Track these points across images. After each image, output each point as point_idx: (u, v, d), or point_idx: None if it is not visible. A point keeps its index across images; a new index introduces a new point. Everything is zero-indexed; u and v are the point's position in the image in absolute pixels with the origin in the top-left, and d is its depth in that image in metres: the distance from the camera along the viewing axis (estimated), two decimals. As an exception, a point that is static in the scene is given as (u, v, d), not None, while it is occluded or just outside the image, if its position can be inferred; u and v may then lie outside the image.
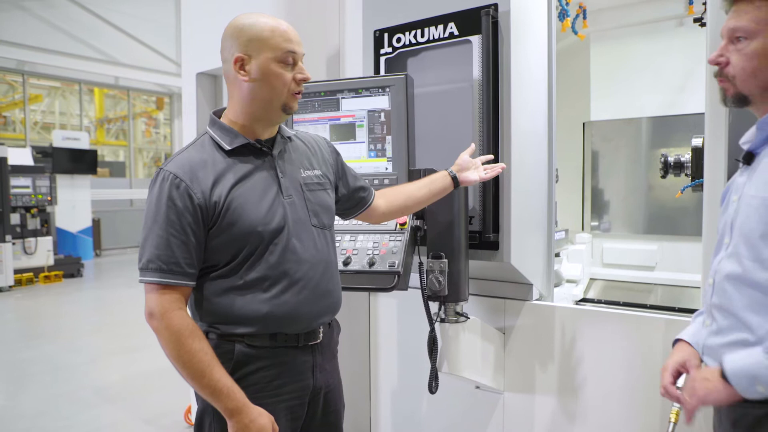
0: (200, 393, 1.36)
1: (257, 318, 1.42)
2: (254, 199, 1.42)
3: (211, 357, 1.34)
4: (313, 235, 1.52)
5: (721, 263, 1.29)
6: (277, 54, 1.41)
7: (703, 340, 1.34)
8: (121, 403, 4.13)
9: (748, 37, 1.21)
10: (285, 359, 1.47)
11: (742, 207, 1.24)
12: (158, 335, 1.35)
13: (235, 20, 1.45)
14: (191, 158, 1.41)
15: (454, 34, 2.12)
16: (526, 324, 2.26)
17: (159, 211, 1.35)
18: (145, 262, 1.36)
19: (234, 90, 1.46)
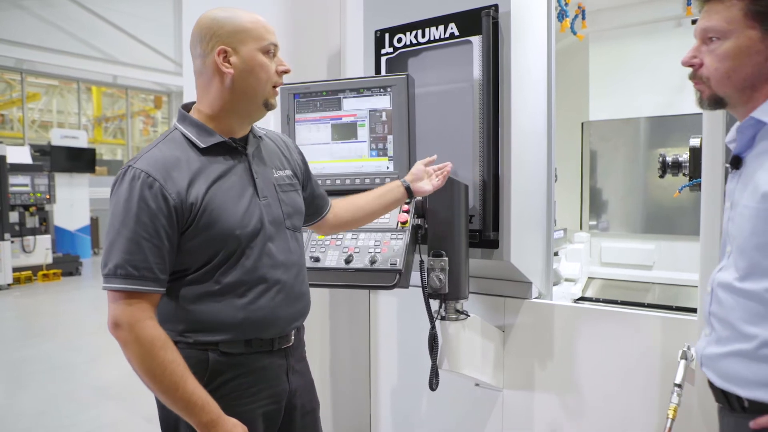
0: (172, 407, 1.28)
1: (233, 324, 1.36)
2: (231, 200, 1.36)
3: (183, 368, 1.27)
4: (287, 238, 1.49)
5: (720, 272, 1.27)
6: (262, 44, 1.38)
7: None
8: (122, 402, 4.14)
9: (720, 38, 1.19)
10: (260, 364, 1.42)
11: (736, 216, 1.22)
12: (125, 347, 1.25)
13: (206, 14, 1.39)
14: (164, 156, 1.32)
15: (455, 35, 2.13)
16: (526, 322, 2.28)
17: (128, 212, 1.25)
18: (112, 268, 1.25)
19: (212, 85, 1.37)
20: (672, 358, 1.94)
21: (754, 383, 1.16)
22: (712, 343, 1.27)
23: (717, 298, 1.26)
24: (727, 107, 1.26)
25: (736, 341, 1.19)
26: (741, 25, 1.16)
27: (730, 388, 1.21)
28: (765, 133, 1.19)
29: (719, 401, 1.28)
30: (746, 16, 1.16)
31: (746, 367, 1.17)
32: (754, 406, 1.16)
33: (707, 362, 1.28)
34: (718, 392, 1.26)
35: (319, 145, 2.12)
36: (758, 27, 1.15)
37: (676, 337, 1.95)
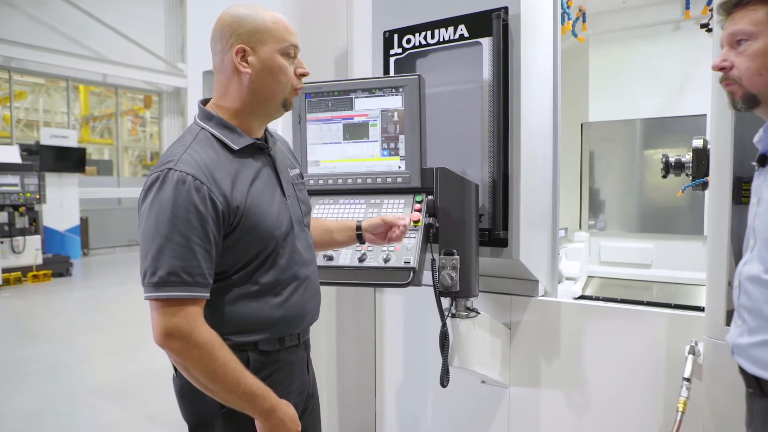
0: (234, 402, 1.28)
1: (271, 323, 1.38)
2: (267, 202, 1.37)
3: (239, 363, 1.28)
4: (306, 236, 1.52)
5: (745, 265, 1.34)
6: (282, 46, 1.36)
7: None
8: (121, 402, 4.12)
9: (748, 39, 1.27)
10: (291, 359, 1.46)
11: (761, 211, 1.29)
12: (182, 355, 1.22)
13: (229, 10, 1.36)
14: (202, 158, 1.29)
15: (464, 36, 2.16)
16: (532, 319, 2.32)
17: (178, 217, 1.21)
18: (163, 275, 1.21)
19: (231, 84, 1.36)
20: (677, 354, 1.98)
21: None
22: (744, 333, 1.33)
23: (746, 290, 1.32)
24: (759, 107, 1.32)
25: (765, 331, 1.26)
26: (767, 26, 1.24)
27: (761, 374, 1.27)
28: None
29: (750, 386, 1.35)
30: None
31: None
32: None
33: (739, 351, 1.35)
34: (751, 378, 1.32)
35: (331, 145, 2.14)
36: None
37: (682, 333, 2.00)
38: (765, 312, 1.26)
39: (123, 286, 8.95)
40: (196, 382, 1.26)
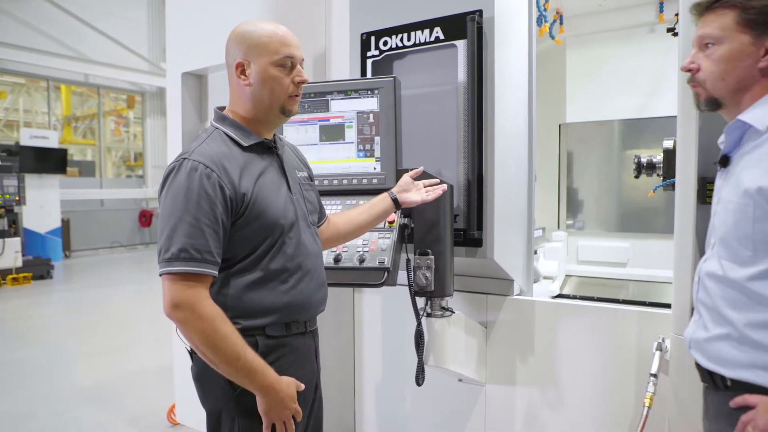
0: (233, 376, 1.38)
1: (277, 308, 1.48)
2: (274, 193, 1.50)
3: (241, 339, 1.37)
4: (312, 231, 1.64)
5: (705, 262, 1.38)
6: (275, 58, 1.48)
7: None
8: (102, 405, 4.09)
9: (715, 43, 1.31)
10: (297, 345, 1.55)
11: (720, 210, 1.33)
12: (186, 326, 1.34)
13: (237, 27, 1.52)
14: (214, 150, 1.44)
15: (440, 39, 2.19)
16: (507, 318, 2.35)
17: (190, 200, 1.35)
18: (176, 252, 1.33)
19: (236, 94, 1.53)
20: (647, 350, 2.03)
21: (736, 364, 1.27)
22: (700, 328, 1.37)
23: (704, 286, 1.36)
24: (721, 109, 1.37)
25: (720, 326, 1.30)
26: (734, 32, 1.29)
27: (715, 369, 1.32)
28: (750, 135, 1.30)
29: (705, 381, 1.38)
30: (738, 23, 1.29)
31: (730, 349, 1.28)
32: (736, 385, 1.28)
33: (695, 345, 1.39)
34: (705, 372, 1.37)
35: (307, 146, 2.15)
36: (749, 33, 1.28)
37: (651, 330, 2.04)
38: (720, 308, 1.30)
39: (105, 288, 8.87)
40: (200, 352, 1.36)
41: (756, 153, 1.26)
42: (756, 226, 1.22)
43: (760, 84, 1.29)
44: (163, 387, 4.19)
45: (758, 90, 1.29)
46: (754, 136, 1.28)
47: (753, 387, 1.24)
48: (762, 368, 1.23)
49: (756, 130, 1.27)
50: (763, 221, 1.22)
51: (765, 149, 1.23)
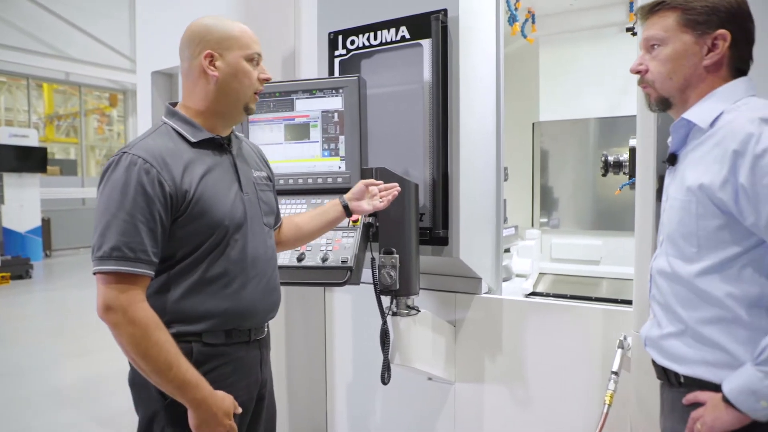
0: (164, 386, 1.31)
1: (217, 313, 1.41)
2: (221, 191, 1.43)
3: (176, 348, 1.30)
4: (264, 233, 1.56)
5: (656, 259, 1.40)
6: (247, 52, 1.46)
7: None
8: (76, 406, 4.05)
9: (660, 44, 1.33)
10: (238, 355, 1.47)
11: (667, 207, 1.35)
12: (118, 330, 1.26)
13: (197, 21, 1.48)
14: (157, 145, 1.37)
15: (406, 38, 2.19)
16: (476, 317, 2.36)
17: (125, 195, 1.28)
18: (107, 250, 1.26)
19: (197, 86, 1.46)
20: (611, 347, 2.04)
21: (688, 361, 1.28)
22: (655, 325, 1.39)
23: (656, 283, 1.38)
24: (671, 108, 1.38)
25: (673, 323, 1.31)
26: (676, 32, 1.31)
27: (669, 365, 1.33)
28: (695, 133, 1.32)
29: (660, 378, 1.40)
30: (680, 24, 1.31)
31: (682, 346, 1.29)
32: (689, 381, 1.29)
33: (650, 343, 1.40)
34: (659, 369, 1.38)
35: (273, 146, 2.14)
36: (690, 32, 1.30)
37: (616, 327, 2.06)
38: (672, 304, 1.31)
39: (85, 288, 8.77)
40: (130, 359, 1.30)
41: (699, 150, 1.27)
42: (699, 222, 1.24)
43: (705, 81, 1.31)
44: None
45: (704, 87, 1.31)
46: (697, 134, 1.30)
47: (704, 383, 1.25)
48: (712, 365, 1.24)
49: (699, 128, 1.28)
50: (705, 218, 1.23)
51: (706, 147, 1.25)
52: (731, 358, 1.21)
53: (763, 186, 1.13)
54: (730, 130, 1.20)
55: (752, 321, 1.19)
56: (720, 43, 1.28)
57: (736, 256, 1.21)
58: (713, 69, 1.30)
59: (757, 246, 1.19)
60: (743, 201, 1.16)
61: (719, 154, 1.20)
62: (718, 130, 1.23)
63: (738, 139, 1.16)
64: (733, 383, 1.17)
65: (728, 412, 1.17)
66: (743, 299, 1.20)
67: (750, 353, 1.18)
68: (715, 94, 1.29)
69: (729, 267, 1.21)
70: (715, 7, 1.27)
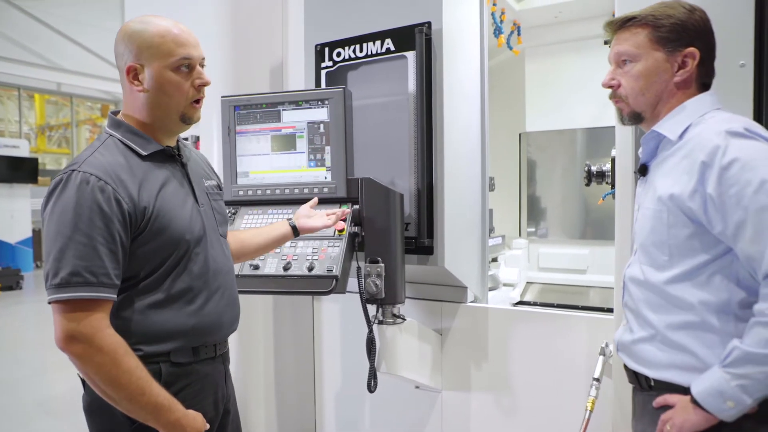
0: (137, 413, 1.26)
1: (184, 331, 1.36)
2: (177, 206, 1.37)
3: (146, 373, 1.25)
4: (222, 244, 1.52)
5: (629, 267, 1.44)
6: (170, 61, 1.33)
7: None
8: (65, 417, 4.03)
9: (632, 60, 1.37)
10: (205, 372, 1.43)
11: (639, 217, 1.39)
12: (84, 361, 1.20)
13: (124, 26, 1.37)
14: (109, 161, 1.29)
15: (391, 50, 2.22)
16: (462, 325, 2.38)
17: (80, 216, 1.20)
18: (66, 276, 1.19)
19: (131, 98, 1.38)
20: (595, 355, 2.07)
21: (658, 365, 1.32)
22: (626, 331, 1.43)
23: (628, 290, 1.42)
24: (643, 122, 1.43)
25: (643, 329, 1.35)
26: (648, 49, 1.35)
27: (640, 370, 1.37)
28: (665, 144, 1.37)
29: (631, 382, 1.44)
30: (651, 40, 1.35)
31: (652, 350, 1.33)
32: (659, 385, 1.33)
33: (622, 348, 1.44)
34: (631, 373, 1.42)
35: (260, 156, 2.17)
36: (662, 50, 1.34)
37: (598, 335, 2.09)
38: (642, 311, 1.35)
39: (76, 299, 8.73)
40: (98, 389, 1.24)
41: (669, 162, 1.31)
42: (670, 231, 1.28)
43: (675, 96, 1.35)
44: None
45: (674, 102, 1.36)
46: (667, 145, 1.34)
47: (674, 387, 1.29)
48: (681, 368, 1.28)
49: (669, 140, 1.33)
50: (676, 227, 1.27)
51: (676, 158, 1.29)
52: (699, 362, 1.25)
53: (729, 196, 1.17)
54: (698, 142, 1.24)
55: (721, 326, 1.23)
56: (690, 61, 1.33)
57: (705, 264, 1.25)
58: (683, 85, 1.35)
59: (726, 253, 1.23)
60: (711, 210, 1.20)
61: (688, 165, 1.24)
62: (686, 142, 1.28)
63: (706, 151, 1.20)
64: (701, 385, 1.21)
65: (697, 413, 1.21)
66: (713, 305, 1.24)
67: (717, 357, 1.22)
68: (684, 107, 1.33)
69: (699, 274, 1.25)
70: (683, 26, 1.32)
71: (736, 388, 1.16)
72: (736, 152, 1.17)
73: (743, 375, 1.15)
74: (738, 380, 1.16)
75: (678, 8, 1.34)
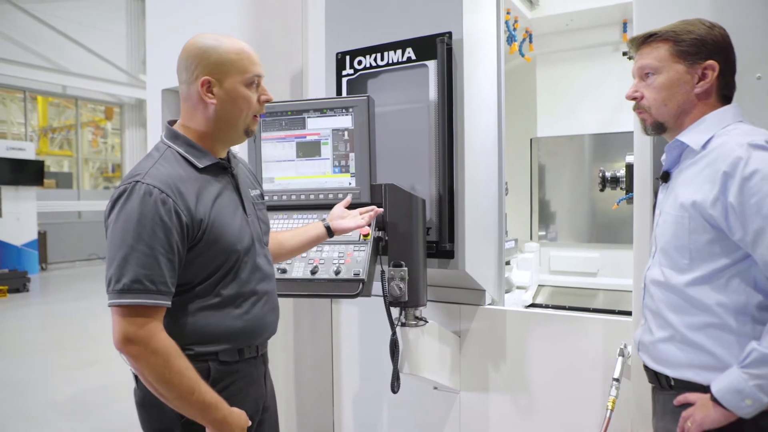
0: (187, 410, 1.34)
1: (232, 334, 1.45)
2: (229, 217, 1.46)
3: (196, 374, 1.34)
4: (265, 252, 1.61)
5: (649, 270, 1.50)
6: (245, 77, 1.44)
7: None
8: (73, 418, 4.08)
9: (654, 73, 1.44)
10: (248, 371, 1.53)
11: (661, 221, 1.45)
12: (139, 361, 1.28)
13: (194, 41, 1.44)
14: (170, 173, 1.37)
15: (412, 59, 2.28)
16: (480, 327, 2.44)
17: (143, 227, 1.28)
18: (127, 283, 1.27)
19: (197, 111, 1.45)
20: (612, 356, 2.12)
21: (678, 365, 1.39)
22: (646, 331, 1.49)
23: (649, 292, 1.48)
24: (666, 132, 1.49)
25: (664, 329, 1.41)
26: (669, 62, 1.42)
27: (660, 369, 1.43)
28: (688, 153, 1.43)
29: (651, 381, 1.50)
30: (672, 54, 1.42)
31: (673, 351, 1.39)
32: (679, 384, 1.39)
33: (643, 348, 1.50)
34: (651, 373, 1.48)
35: (285, 162, 2.22)
36: (682, 62, 1.41)
37: (615, 336, 2.14)
38: (663, 312, 1.42)
39: (82, 301, 8.78)
40: (151, 388, 1.32)
41: (691, 170, 1.38)
42: (691, 236, 1.34)
43: (697, 107, 1.42)
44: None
45: (697, 113, 1.42)
46: (690, 154, 1.40)
47: (694, 385, 1.36)
48: (700, 367, 1.35)
49: (692, 149, 1.39)
50: (697, 232, 1.34)
51: (698, 167, 1.36)
52: (717, 362, 1.32)
53: (750, 205, 1.23)
54: (721, 152, 1.30)
55: (738, 327, 1.30)
56: (709, 72, 1.39)
57: (724, 268, 1.31)
58: (703, 96, 1.41)
59: (744, 258, 1.29)
60: (732, 218, 1.26)
61: (710, 175, 1.30)
62: (709, 152, 1.34)
63: (728, 162, 1.27)
64: (720, 384, 1.28)
65: (716, 410, 1.28)
66: (731, 307, 1.30)
67: (735, 357, 1.28)
68: (708, 119, 1.40)
69: (718, 277, 1.32)
70: (703, 40, 1.39)
71: (753, 388, 1.23)
72: (758, 164, 1.24)
73: (760, 375, 1.23)
74: (755, 380, 1.23)
75: (698, 25, 1.41)
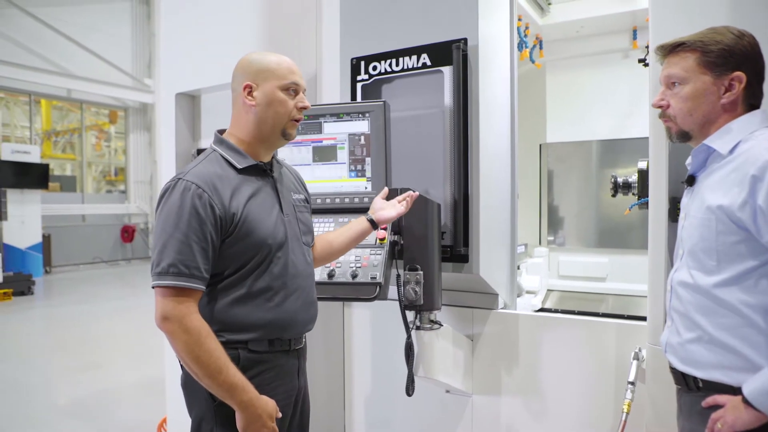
0: (215, 389, 1.45)
1: (261, 324, 1.55)
2: (264, 213, 1.57)
3: (225, 355, 1.44)
4: (303, 252, 1.70)
5: (676, 272, 1.51)
6: (282, 83, 1.59)
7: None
8: (79, 421, 4.08)
9: (681, 83, 1.45)
10: (279, 362, 1.61)
11: (687, 224, 1.47)
12: (174, 338, 1.41)
13: (244, 57, 1.64)
14: (208, 171, 1.52)
15: (427, 65, 2.31)
16: (492, 331, 2.45)
17: (181, 218, 1.43)
18: (165, 266, 1.42)
19: (241, 115, 1.62)
20: (624, 360, 2.13)
21: (707, 366, 1.39)
22: (674, 332, 1.50)
23: (677, 294, 1.49)
24: (691, 140, 1.50)
25: (692, 330, 1.42)
26: (696, 72, 1.43)
27: (688, 371, 1.44)
28: (714, 158, 1.45)
29: (678, 383, 1.50)
30: (699, 65, 1.43)
31: (701, 351, 1.40)
32: (707, 386, 1.40)
33: (670, 349, 1.51)
34: (678, 374, 1.48)
35: (301, 166, 2.24)
36: (709, 73, 1.42)
37: (628, 341, 2.15)
38: (691, 313, 1.43)
39: (86, 304, 8.80)
40: (185, 364, 1.45)
41: (718, 174, 1.40)
42: (719, 238, 1.36)
43: (723, 117, 1.43)
44: (150, 401, 4.20)
45: (721, 123, 1.44)
46: (717, 159, 1.42)
47: (722, 387, 1.37)
48: (730, 368, 1.35)
49: (719, 154, 1.41)
50: (724, 234, 1.35)
51: (725, 171, 1.37)
52: (746, 363, 1.33)
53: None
54: (749, 157, 1.32)
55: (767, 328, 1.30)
56: (736, 84, 1.41)
57: (752, 269, 1.33)
58: (729, 107, 1.43)
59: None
60: (760, 220, 1.28)
61: (738, 178, 1.32)
62: (737, 157, 1.36)
63: (757, 165, 1.28)
64: (752, 385, 1.28)
65: (748, 412, 1.28)
66: (759, 308, 1.32)
67: (764, 358, 1.30)
68: (734, 125, 1.41)
69: (746, 279, 1.33)
70: (730, 51, 1.40)
71: None
72: None
73: None
74: None
75: (726, 34, 1.41)
